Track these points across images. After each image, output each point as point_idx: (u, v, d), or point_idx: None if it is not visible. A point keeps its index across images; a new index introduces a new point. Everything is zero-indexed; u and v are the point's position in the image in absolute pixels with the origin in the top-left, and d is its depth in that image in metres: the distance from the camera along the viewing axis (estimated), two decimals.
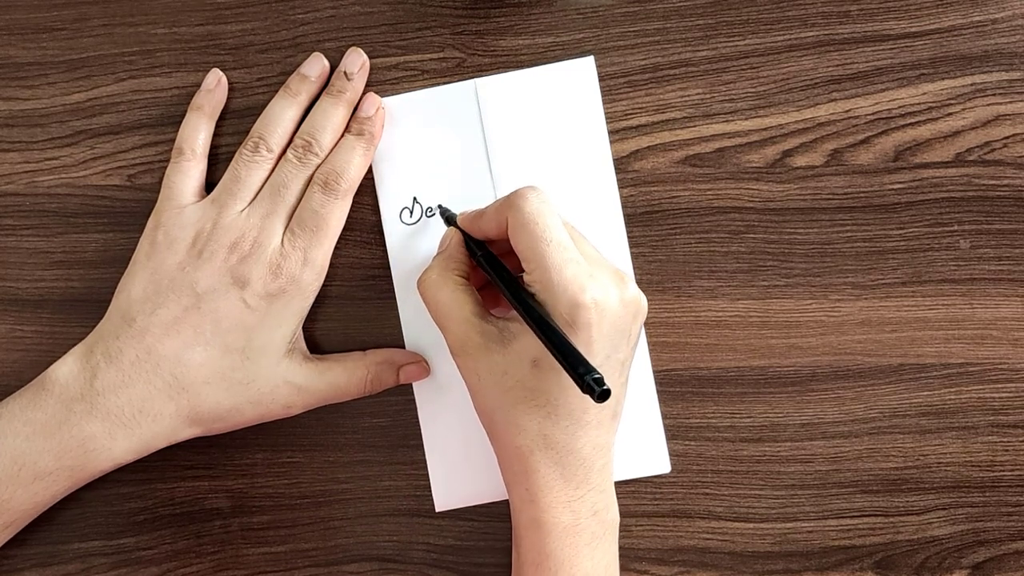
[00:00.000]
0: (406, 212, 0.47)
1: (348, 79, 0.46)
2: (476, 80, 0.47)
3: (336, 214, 0.45)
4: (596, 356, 0.38)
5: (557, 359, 0.36)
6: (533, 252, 0.39)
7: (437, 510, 0.47)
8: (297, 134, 0.46)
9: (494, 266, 0.42)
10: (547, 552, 0.40)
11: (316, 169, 0.45)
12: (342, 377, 0.45)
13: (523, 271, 0.40)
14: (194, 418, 0.43)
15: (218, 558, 0.47)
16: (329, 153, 0.45)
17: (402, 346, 0.47)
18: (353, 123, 0.46)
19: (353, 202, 0.46)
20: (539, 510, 0.40)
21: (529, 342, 0.39)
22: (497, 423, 0.41)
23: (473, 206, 0.46)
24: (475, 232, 0.43)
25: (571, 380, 0.36)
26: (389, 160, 0.47)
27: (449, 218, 0.45)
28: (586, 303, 0.38)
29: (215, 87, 0.47)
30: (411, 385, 0.47)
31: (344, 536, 0.47)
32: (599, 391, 0.34)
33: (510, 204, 0.40)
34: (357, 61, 0.46)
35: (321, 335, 0.47)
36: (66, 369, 0.43)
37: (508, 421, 0.40)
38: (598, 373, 0.35)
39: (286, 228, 0.44)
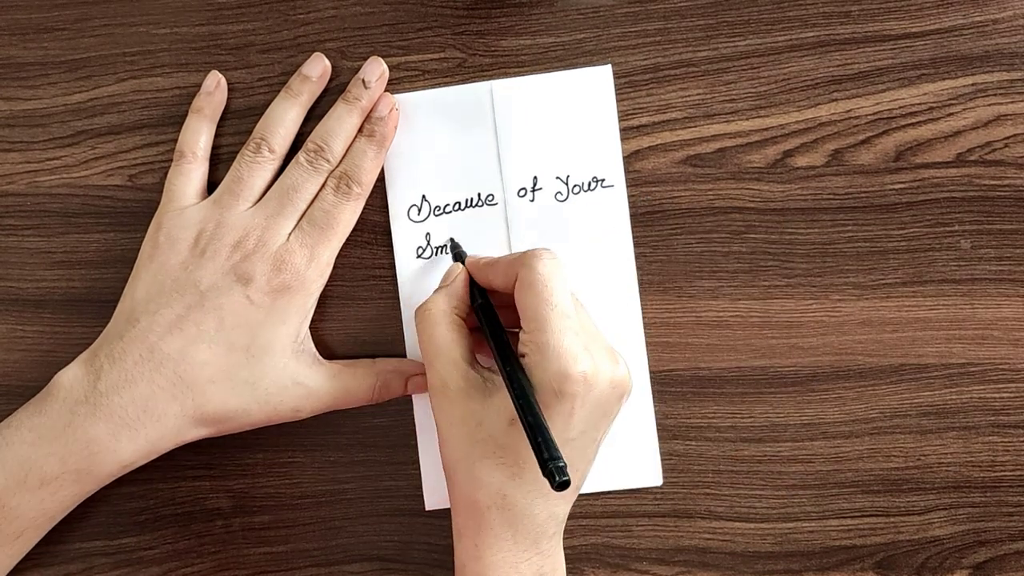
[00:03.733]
0: (414, 210, 0.47)
1: (366, 87, 0.46)
2: (492, 82, 0.47)
3: (347, 215, 0.45)
4: (573, 429, 0.39)
5: (527, 435, 0.37)
6: (536, 313, 0.39)
7: (427, 509, 0.47)
8: (309, 138, 0.46)
9: (490, 319, 0.42)
10: None
11: (328, 175, 0.45)
12: (351, 382, 0.45)
13: (517, 327, 0.40)
14: (199, 418, 0.43)
15: (219, 558, 0.47)
16: (342, 158, 0.45)
17: (403, 346, 0.47)
18: (366, 123, 0.46)
19: None
20: (484, 567, 0.40)
21: (510, 400, 0.39)
22: (459, 472, 0.41)
23: (482, 209, 0.46)
24: (481, 280, 0.43)
25: None
26: (400, 156, 0.47)
27: (458, 255, 0.45)
28: (576, 375, 0.38)
29: (215, 89, 0.47)
30: None
31: (345, 536, 0.47)
32: (559, 481, 0.35)
33: (523, 262, 0.40)
34: (376, 70, 0.46)
35: (323, 335, 0.47)
36: (71, 374, 0.43)
37: (471, 473, 0.40)
38: (563, 462, 0.35)
39: (295, 227, 0.44)
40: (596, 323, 0.42)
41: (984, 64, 0.46)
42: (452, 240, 0.47)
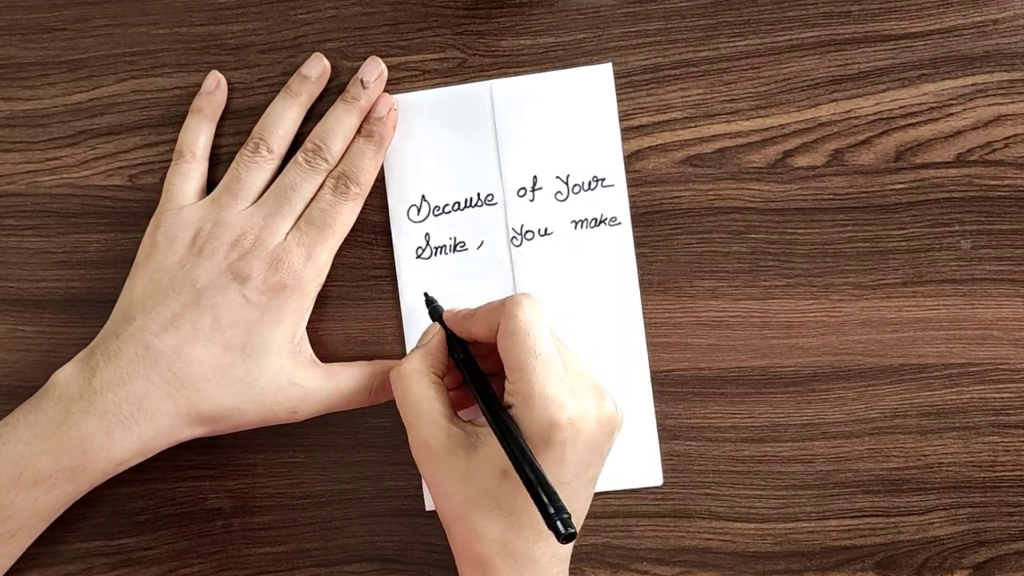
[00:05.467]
0: (414, 210, 0.47)
1: (364, 87, 0.46)
2: (492, 82, 0.47)
3: (345, 215, 0.45)
4: (566, 474, 0.38)
5: (528, 490, 0.36)
6: (519, 363, 0.39)
7: (427, 509, 0.47)
8: (308, 138, 0.46)
9: (473, 373, 0.42)
10: None
11: (327, 175, 0.45)
12: (348, 383, 0.45)
13: (499, 372, 0.40)
14: (194, 417, 0.43)
15: (219, 558, 0.47)
16: (341, 158, 0.45)
17: (403, 347, 0.47)
18: (364, 123, 0.46)
19: None
20: None
21: (497, 451, 0.38)
22: (457, 528, 0.40)
23: (482, 209, 0.46)
24: (462, 332, 0.43)
25: None
26: (400, 156, 0.47)
27: (435, 309, 0.45)
28: (563, 423, 0.38)
29: (215, 89, 0.47)
30: None
31: (345, 536, 0.47)
32: (564, 533, 0.35)
33: (504, 310, 0.40)
34: (375, 70, 0.46)
35: (322, 335, 0.47)
36: (67, 372, 0.43)
37: (469, 527, 0.40)
38: (567, 513, 0.35)
39: (293, 227, 0.44)
40: (579, 359, 0.42)
41: (984, 64, 0.46)
42: (427, 295, 0.46)
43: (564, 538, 0.35)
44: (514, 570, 0.40)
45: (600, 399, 0.40)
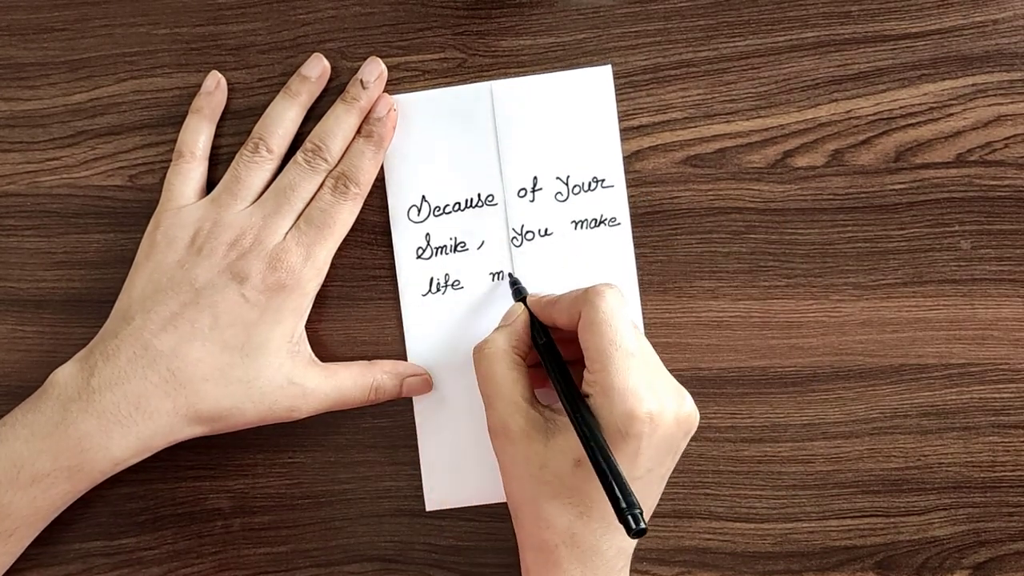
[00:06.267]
0: (414, 210, 0.47)
1: (364, 87, 0.46)
2: (492, 83, 0.47)
3: (344, 215, 0.45)
4: (639, 468, 0.39)
5: (601, 482, 0.36)
6: (600, 353, 0.39)
7: (427, 509, 0.47)
8: (308, 138, 0.46)
9: (554, 359, 0.42)
10: None
11: (327, 175, 0.45)
12: (347, 382, 0.45)
13: (578, 360, 0.40)
14: (193, 416, 0.43)
15: (219, 558, 0.47)
16: (340, 158, 0.46)
17: (403, 347, 0.47)
18: (364, 124, 0.46)
19: None
20: None
21: (573, 440, 0.39)
22: (526, 512, 0.41)
23: (482, 209, 0.46)
24: (544, 318, 0.43)
25: None
26: (400, 156, 0.47)
27: (519, 291, 0.45)
28: (642, 415, 0.38)
29: (214, 89, 0.47)
30: None
31: (345, 536, 0.47)
32: (636, 529, 0.35)
33: (587, 299, 0.40)
34: (375, 71, 0.46)
35: (321, 335, 0.47)
36: (66, 371, 0.43)
37: (538, 514, 0.40)
38: (639, 508, 0.35)
39: (292, 226, 0.44)
40: (657, 356, 0.42)
41: (984, 64, 0.46)
42: (511, 276, 0.46)
43: (635, 533, 0.35)
44: (579, 561, 0.40)
45: (680, 397, 0.40)
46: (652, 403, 0.38)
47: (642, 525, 0.35)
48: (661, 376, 0.40)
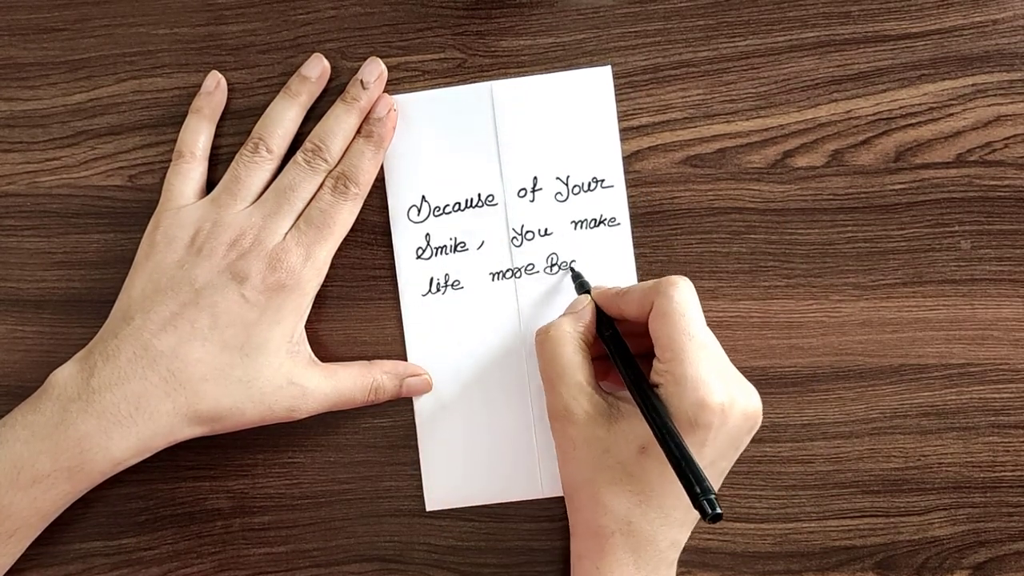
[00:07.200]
0: (414, 210, 0.47)
1: (364, 88, 0.46)
2: (492, 83, 0.47)
3: (344, 215, 0.45)
4: (704, 458, 0.39)
5: (674, 467, 0.36)
6: (672, 342, 0.39)
7: (427, 510, 0.47)
8: (308, 138, 0.46)
9: (621, 349, 0.42)
10: None
11: (327, 175, 0.45)
12: (347, 382, 0.45)
13: (641, 353, 0.40)
14: (192, 416, 0.43)
15: (219, 558, 0.47)
16: (340, 159, 0.46)
17: (403, 348, 0.47)
18: (364, 124, 0.46)
19: None
20: None
21: (638, 426, 0.39)
22: (582, 496, 0.41)
23: (482, 209, 0.46)
24: (611, 310, 0.43)
25: (676, 479, 0.36)
26: (400, 156, 0.47)
27: (582, 284, 0.45)
28: (713, 405, 0.38)
29: (214, 89, 0.47)
30: None
31: (345, 536, 0.47)
32: (712, 514, 0.34)
33: (659, 290, 0.40)
34: (375, 71, 0.46)
35: (321, 335, 0.47)
36: (66, 372, 0.43)
37: (595, 498, 0.40)
38: (714, 492, 0.35)
39: (292, 226, 0.44)
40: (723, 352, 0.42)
41: (984, 64, 0.46)
42: (573, 269, 0.46)
43: (712, 518, 0.35)
44: (632, 550, 0.40)
45: (749, 392, 0.40)
46: (723, 394, 0.38)
47: (718, 510, 0.35)
48: (731, 370, 0.41)
